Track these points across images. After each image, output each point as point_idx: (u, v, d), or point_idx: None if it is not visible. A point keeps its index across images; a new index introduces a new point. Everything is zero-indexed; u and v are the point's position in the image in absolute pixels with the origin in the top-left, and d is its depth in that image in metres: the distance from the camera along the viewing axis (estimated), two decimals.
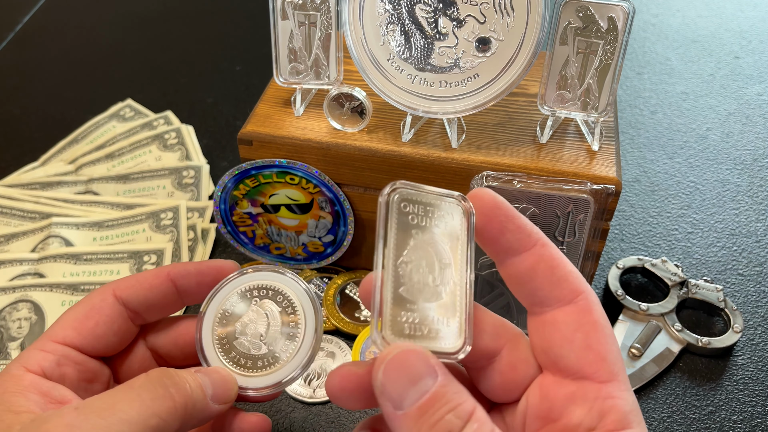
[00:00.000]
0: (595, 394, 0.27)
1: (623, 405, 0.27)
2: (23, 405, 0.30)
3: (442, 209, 0.29)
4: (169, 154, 0.66)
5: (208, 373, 0.33)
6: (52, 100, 0.75)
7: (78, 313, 0.34)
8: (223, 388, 0.33)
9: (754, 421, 0.46)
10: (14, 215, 0.59)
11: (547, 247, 0.29)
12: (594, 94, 0.45)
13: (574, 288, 0.28)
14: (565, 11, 0.43)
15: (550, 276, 0.28)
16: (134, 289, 0.35)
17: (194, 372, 0.32)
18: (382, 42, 0.45)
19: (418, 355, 0.25)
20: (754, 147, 0.69)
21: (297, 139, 0.48)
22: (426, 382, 0.25)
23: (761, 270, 0.56)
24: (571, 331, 0.28)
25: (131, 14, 0.90)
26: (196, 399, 0.31)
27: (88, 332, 0.34)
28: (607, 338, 0.28)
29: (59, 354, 0.33)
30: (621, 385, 0.27)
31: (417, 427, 0.25)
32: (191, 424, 0.31)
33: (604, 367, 0.27)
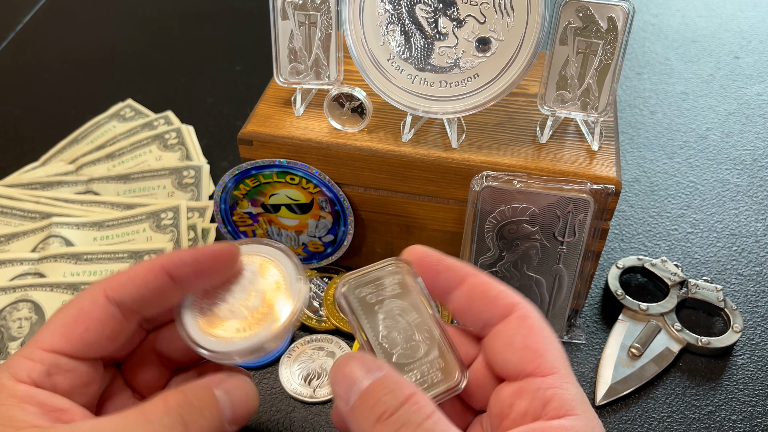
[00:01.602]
0: (537, 386, 0.29)
1: (564, 394, 0.29)
2: (22, 419, 0.29)
3: (386, 276, 0.33)
4: (169, 154, 0.66)
5: (229, 391, 0.31)
6: (52, 100, 0.75)
7: (67, 317, 0.32)
8: (243, 407, 0.32)
9: (753, 421, 0.46)
10: (15, 215, 0.59)
11: (476, 276, 0.33)
12: (594, 94, 0.46)
13: (508, 302, 0.32)
14: (564, 11, 0.43)
15: (485, 298, 0.32)
16: (127, 288, 0.33)
17: (215, 389, 0.31)
18: (382, 42, 0.45)
19: (357, 358, 0.29)
20: (754, 147, 0.69)
21: (297, 139, 0.48)
22: (368, 377, 0.28)
23: (761, 270, 0.56)
24: (510, 336, 0.31)
25: (131, 14, 0.90)
26: (214, 429, 0.30)
27: (77, 339, 0.32)
28: (544, 338, 0.31)
29: (48, 363, 0.31)
30: (563, 377, 0.29)
31: (360, 413, 0.27)
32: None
33: (544, 363, 0.30)
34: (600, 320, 0.52)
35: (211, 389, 0.31)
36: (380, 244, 0.52)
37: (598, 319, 0.52)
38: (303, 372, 0.48)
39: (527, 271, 0.47)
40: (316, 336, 0.51)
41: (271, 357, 0.49)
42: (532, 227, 0.45)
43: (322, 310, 0.52)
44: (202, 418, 0.30)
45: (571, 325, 0.51)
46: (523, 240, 0.46)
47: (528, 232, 0.46)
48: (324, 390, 0.47)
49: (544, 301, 0.48)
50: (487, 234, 0.46)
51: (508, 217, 0.45)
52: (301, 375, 0.48)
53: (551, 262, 0.47)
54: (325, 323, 0.51)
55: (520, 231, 0.46)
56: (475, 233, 0.46)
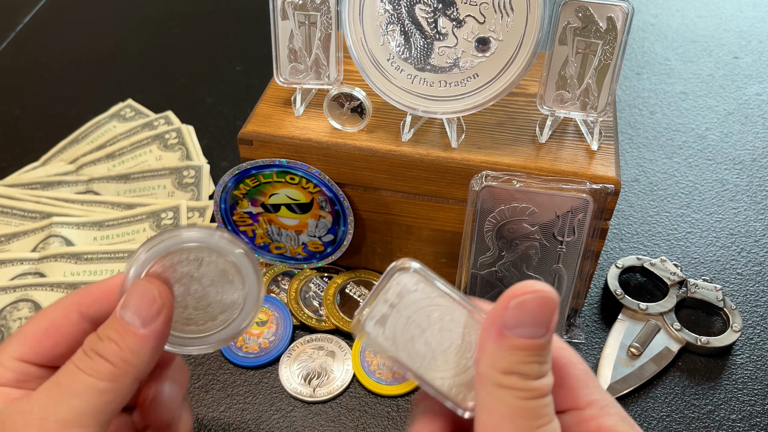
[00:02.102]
0: (579, 420, 0.29)
1: (606, 421, 0.29)
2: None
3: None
4: (169, 153, 0.66)
5: (126, 302, 0.30)
6: (53, 100, 0.75)
7: (38, 329, 0.32)
8: (145, 306, 0.30)
9: (753, 420, 0.46)
10: (15, 215, 0.59)
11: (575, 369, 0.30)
12: (593, 94, 0.46)
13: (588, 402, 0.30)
14: (564, 11, 0.43)
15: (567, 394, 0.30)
16: (101, 304, 0.33)
17: (118, 311, 0.30)
18: (381, 42, 0.45)
19: (555, 306, 0.27)
20: (753, 147, 0.69)
21: (297, 139, 0.48)
22: (540, 329, 0.27)
23: (760, 269, 0.56)
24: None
25: (131, 14, 0.90)
26: (130, 346, 0.30)
27: (46, 352, 0.32)
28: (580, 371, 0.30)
29: (18, 371, 0.31)
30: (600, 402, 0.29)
31: (505, 354, 0.27)
32: (144, 362, 0.30)
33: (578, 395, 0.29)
34: (599, 320, 0.52)
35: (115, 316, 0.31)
36: (380, 244, 0.52)
37: (597, 318, 0.53)
38: (303, 371, 0.48)
39: (527, 270, 0.47)
40: (316, 335, 0.51)
41: (271, 356, 0.49)
42: (532, 227, 0.45)
43: (321, 310, 0.52)
44: (111, 341, 0.30)
45: (570, 325, 0.51)
46: (522, 240, 0.46)
47: (527, 231, 0.46)
48: (324, 389, 0.47)
49: None
50: (487, 234, 0.46)
51: (507, 216, 0.45)
52: (301, 374, 0.48)
53: (551, 262, 0.47)
54: (324, 323, 0.51)
55: (519, 231, 0.46)
56: (475, 233, 0.46)
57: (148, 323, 0.30)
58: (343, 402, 0.47)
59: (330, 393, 0.47)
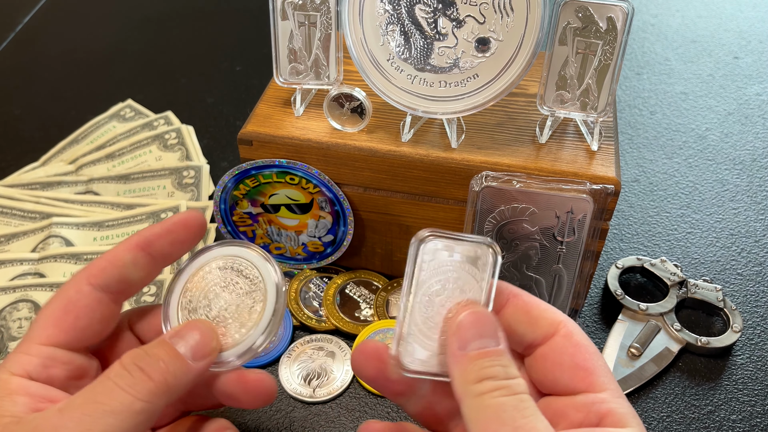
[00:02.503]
0: (592, 401, 0.30)
1: (618, 408, 0.30)
2: (7, 409, 0.30)
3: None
4: (169, 154, 0.66)
5: (182, 334, 0.32)
6: (52, 100, 0.75)
7: (55, 309, 0.33)
8: (201, 344, 0.32)
9: (753, 421, 0.46)
10: (14, 215, 0.59)
11: (518, 297, 0.33)
12: (593, 94, 0.46)
13: (552, 321, 0.32)
14: (564, 11, 0.43)
15: (528, 319, 0.33)
16: (108, 272, 0.34)
17: (169, 339, 0.32)
18: (381, 42, 0.45)
19: (493, 321, 0.31)
20: (753, 147, 0.69)
21: (297, 139, 0.48)
22: (489, 341, 0.30)
23: (760, 270, 0.56)
24: (559, 356, 0.31)
25: (131, 14, 0.90)
26: (175, 370, 0.31)
27: (70, 327, 0.33)
28: (592, 356, 0.31)
29: (44, 356, 0.32)
30: (614, 393, 0.30)
31: (470, 366, 0.29)
32: (180, 391, 0.31)
33: (596, 380, 0.30)
34: (599, 320, 0.52)
35: (163, 338, 0.32)
36: (380, 244, 0.52)
37: (597, 319, 0.53)
38: (303, 372, 0.48)
39: (527, 271, 0.47)
40: (316, 336, 0.51)
41: (271, 357, 0.49)
42: (532, 227, 0.45)
43: (321, 311, 0.52)
44: (159, 360, 0.31)
45: None
46: (522, 240, 0.46)
47: (527, 232, 0.46)
48: (324, 390, 0.47)
49: (544, 300, 0.48)
50: (487, 234, 0.46)
51: (507, 217, 0.45)
52: (301, 375, 0.48)
53: (551, 262, 0.47)
54: (325, 323, 0.51)
55: (519, 231, 0.46)
56: (475, 233, 0.46)
57: (198, 359, 0.32)
58: (343, 402, 0.47)
59: (330, 393, 0.47)
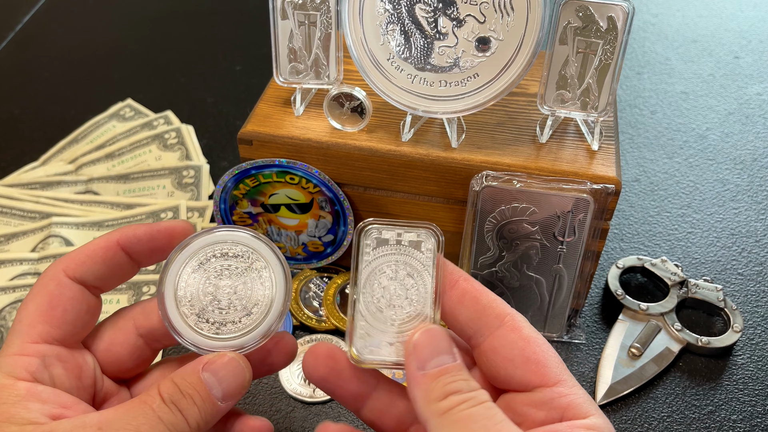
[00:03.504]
0: (550, 396, 0.30)
1: (577, 398, 0.30)
2: (24, 416, 0.29)
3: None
4: (169, 153, 0.66)
5: (216, 371, 0.32)
6: (52, 100, 0.75)
7: (40, 304, 0.32)
8: (233, 384, 0.32)
9: (753, 421, 0.46)
10: (14, 215, 0.59)
11: (468, 281, 0.33)
12: (594, 94, 0.46)
13: (499, 312, 0.32)
14: (564, 11, 0.43)
15: (476, 305, 0.32)
16: (86, 266, 0.33)
17: (202, 372, 0.31)
18: (381, 42, 0.45)
19: (447, 337, 0.31)
20: (754, 147, 0.69)
21: (297, 139, 0.48)
22: (446, 358, 0.30)
23: (761, 269, 0.56)
24: (509, 350, 0.31)
25: (131, 14, 0.90)
26: (207, 414, 0.31)
27: (60, 321, 0.32)
28: (542, 347, 0.31)
29: (42, 354, 0.31)
30: (569, 384, 0.30)
31: (432, 385, 0.29)
32: (207, 428, 0.32)
33: (549, 373, 0.30)
34: (600, 320, 0.52)
35: (197, 374, 0.32)
36: None
37: (598, 318, 0.52)
38: (303, 372, 0.48)
39: (527, 270, 0.47)
40: (316, 336, 0.51)
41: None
42: (532, 227, 0.45)
43: (322, 310, 0.52)
44: (194, 403, 0.31)
45: (571, 325, 0.51)
46: (523, 240, 0.46)
47: (528, 231, 0.46)
48: None
49: (544, 301, 0.48)
50: (487, 234, 0.46)
51: (508, 216, 0.45)
52: (301, 375, 0.48)
53: (551, 262, 0.47)
54: (325, 323, 0.51)
55: (520, 231, 0.46)
56: (475, 233, 0.46)
57: (227, 400, 0.32)
58: None
59: None
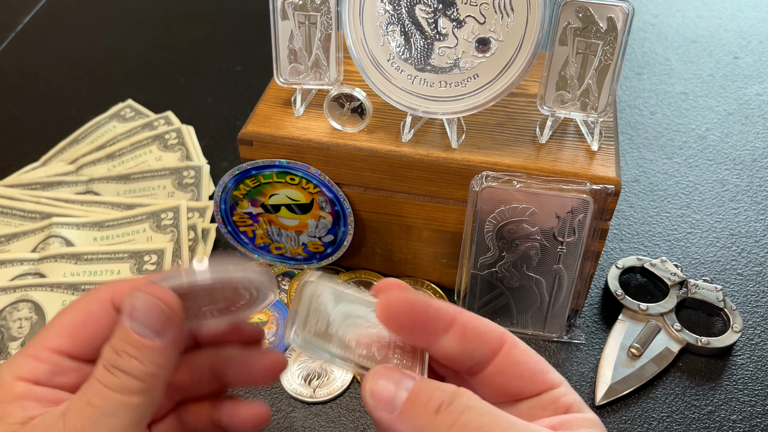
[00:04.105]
0: (556, 396, 0.31)
1: (576, 398, 0.31)
2: (17, 415, 0.29)
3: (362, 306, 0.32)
4: (169, 154, 0.66)
5: (133, 311, 0.29)
6: (52, 100, 0.75)
7: (75, 318, 0.32)
8: (155, 318, 0.29)
9: (753, 421, 0.46)
10: (15, 215, 0.59)
11: (462, 314, 0.32)
12: (593, 95, 0.46)
13: (497, 336, 0.32)
14: (564, 12, 0.43)
15: (477, 336, 0.32)
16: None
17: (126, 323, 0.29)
18: (382, 42, 0.45)
19: (391, 369, 0.30)
20: (754, 147, 0.69)
21: (297, 140, 0.48)
22: (406, 382, 0.29)
23: (760, 270, 0.56)
24: (516, 367, 0.32)
25: (131, 14, 0.90)
26: (150, 357, 0.29)
27: (85, 341, 0.32)
28: (538, 357, 0.32)
29: (53, 363, 0.31)
30: (567, 385, 0.32)
31: (413, 413, 0.28)
32: (168, 370, 0.30)
33: (552, 378, 0.32)
34: (600, 320, 0.52)
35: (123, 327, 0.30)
36: (380, 244, 0.52)
37: (597, 319, 0.53)
38: (303, 372, 0.48)
39: (527, 271, 0.47)
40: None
41: None
42: (532, 227, 0.45)
43: None
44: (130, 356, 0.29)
45: (570, 325, 0.51)
46: (522, 240, 0.46)
47: (528, 232, 0.46)
48: (324, 390, 0.47)
49: (544, 301, 0.48)
50: (487, 234, 0.46)
51: (507, 217, 0.45)
52: (301, 375, 0.48)
53: (551, 262, 0.47)
54: None
55: (519, 231, 0.46)
56: (475, 233, 0.46)
57: (161, 334, 0.29)
58: (343, 403, 0.47)
59: (330, 394, 0.47)
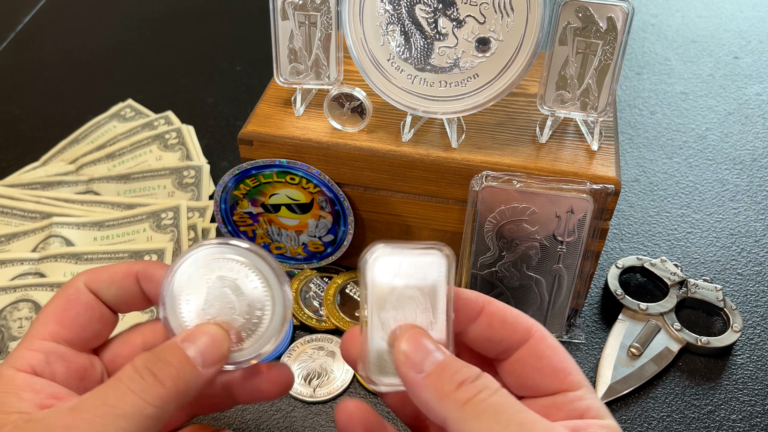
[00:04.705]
0: (572, 399, 0.31)
1: (595, 403, 0.31)
2: (14, 405, 0.30)
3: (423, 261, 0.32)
4: (169, 154, 0.66)
5: (193, 338, 0.32)
6: (53, 100, 0.75)
7: (57, 306, 0.34)
8: (212, 350, 0.32)
9: (753, 420, 0.46)
10: (15, 215, 0.59)
11: (491, 304, 0.33)
12: (593, 94, 0.46)
13: (525, 326, 0.33)
14: (564, 11, 0.43)
15: (504, 326, 0.33)
16: (104, 284, 0.34)
17: (180, 342, 0.32)
18: (382, 42, 0.45)
19: (428, 336, 0.31)
20: (754, 147, 0.69)
21: (297, 139, 0.48)
22: (437, 354, 0.30)
23: (760, 269, 0.56)
24: (538, 360, 0.32)
25: (131, 14, 0.90)
26: (186, 376, 0.31)
27: (71, 322, 0.33)
28: (566, 356, 0.32)
29: (47, 351, 0.33)
30: (589, 389, 0.32)
31: (439, 380, 0.29)
32: (190, 395, 0.31)
33: (573, 379, 0.31)
34: (599, 320, 0.52)
35: (174, 341, 0.32)
36: None
37: (597, 318, 0.53)
38: (303, 371, 0.48)
39: (527, 270, 0.47)
40: (316, 336, 0.51)
41: (271, 356, 0.49)
42: (532, 227, 0.45)
43: (322, 310, 0.52)
44: (170, 365, 0.31)
45: (570, 325, 0.51)
46: (522, 240, 0.46)
47: (527, 232, 0.46)
48: (324, 389, 0.47)
49: (544, 300, 0.48)
50: (487, 234, 0.46)
51: (507, 216, 0.45)
52: (301, 374, 0.48)
53: (551, 262, 0.47)
54: (325, 323, 0.51)
55: (519, 231, 0.46)
56: (475, 233, 0.46)
57: (208, 366, 0.32)
58: None
59: (330, 393, 0.47)
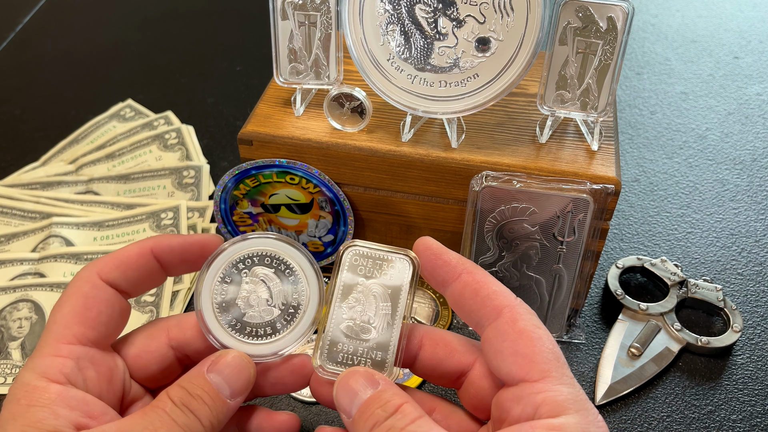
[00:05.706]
0: (528, 391, 0.30)
1: (555, 396, 0.29)
2: (51, 423, 0.29)
3: (390, 261, 0.35)
4: (169, 154, 0.66)
5: (220, 370, 0.32)
6: (52, 100, 0.75)
7: (75, 306, 0.32)
8: (239, 381, 0.33)
9: (753, 420, 0.46)
10: (15, 215, 0.59)
11: (471, 274, 0.33)
12: (593, 94, 0.46)
13: (498, 304, 0.32)
14: (564, 11, 0.43)
15: (476, 297, 0.33)
16: (120, 270, 0.34)
17: (206, 375, 0.32)
18: (381, 42, 0.45)
19: (361, 373, 0.32)
20: (754, 147, 0.69)
21: (297, 139, 0.48)
22: (365, 392, 0.31)
23: (760, 269, 0.56)
24: (500, 343, 0.31)
25: (131, 14, 0.90)
26: (219, 414, 0.32)
27: (94, 322, 0.32)
28: (533, 342, 0.31)
29: (77, 356, 0.31)
30: (554, 379, 0.30)
31: (357, 425, 0.30)
32: (221, 426, 0.32)
33: (533, 368, 0.30)
34: (600, 320, 0.52)
35: (203, 376, 0.32)
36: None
37: (597, 318, 0.53)
38: None
39: (527, 270, 0.47)
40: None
41: None
42: (532, 227, 0.45)
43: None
44: (204, 403, 0.31)
45: (570, 325, 0.51)
46: (522, 240, 0.46)
47: (528, 231, 0.46)
48: None
49: (544, 301, 0.48)
50: (487, 234, 0.46)
51: (507, 216, 0.45)
52: None
53: (551, 262, 0.47)
54: None
55: (519, 231, 0.46)
56: (475, 233, 0.46)
57: (235, 396, 0.33)
58: None
59: None
